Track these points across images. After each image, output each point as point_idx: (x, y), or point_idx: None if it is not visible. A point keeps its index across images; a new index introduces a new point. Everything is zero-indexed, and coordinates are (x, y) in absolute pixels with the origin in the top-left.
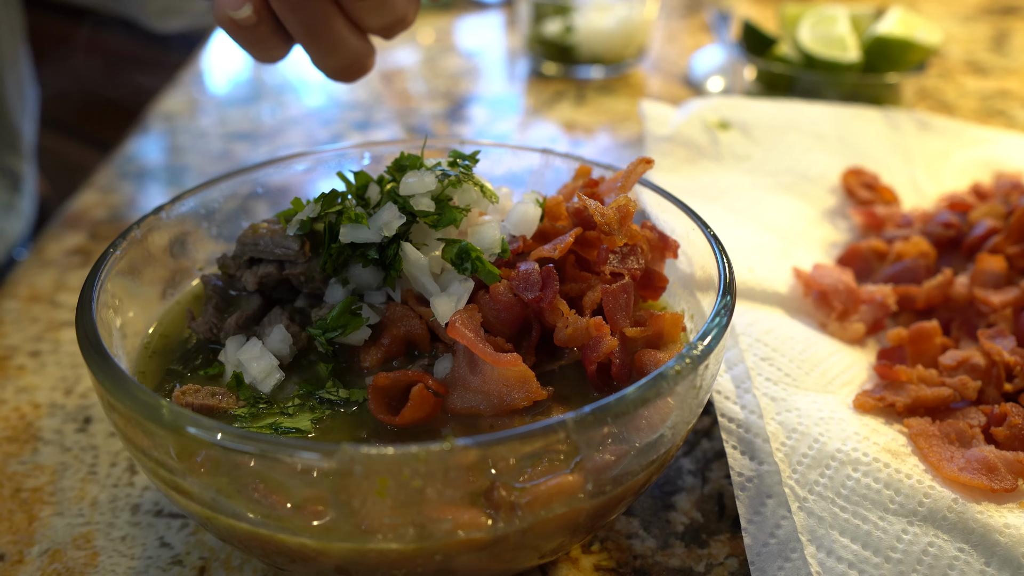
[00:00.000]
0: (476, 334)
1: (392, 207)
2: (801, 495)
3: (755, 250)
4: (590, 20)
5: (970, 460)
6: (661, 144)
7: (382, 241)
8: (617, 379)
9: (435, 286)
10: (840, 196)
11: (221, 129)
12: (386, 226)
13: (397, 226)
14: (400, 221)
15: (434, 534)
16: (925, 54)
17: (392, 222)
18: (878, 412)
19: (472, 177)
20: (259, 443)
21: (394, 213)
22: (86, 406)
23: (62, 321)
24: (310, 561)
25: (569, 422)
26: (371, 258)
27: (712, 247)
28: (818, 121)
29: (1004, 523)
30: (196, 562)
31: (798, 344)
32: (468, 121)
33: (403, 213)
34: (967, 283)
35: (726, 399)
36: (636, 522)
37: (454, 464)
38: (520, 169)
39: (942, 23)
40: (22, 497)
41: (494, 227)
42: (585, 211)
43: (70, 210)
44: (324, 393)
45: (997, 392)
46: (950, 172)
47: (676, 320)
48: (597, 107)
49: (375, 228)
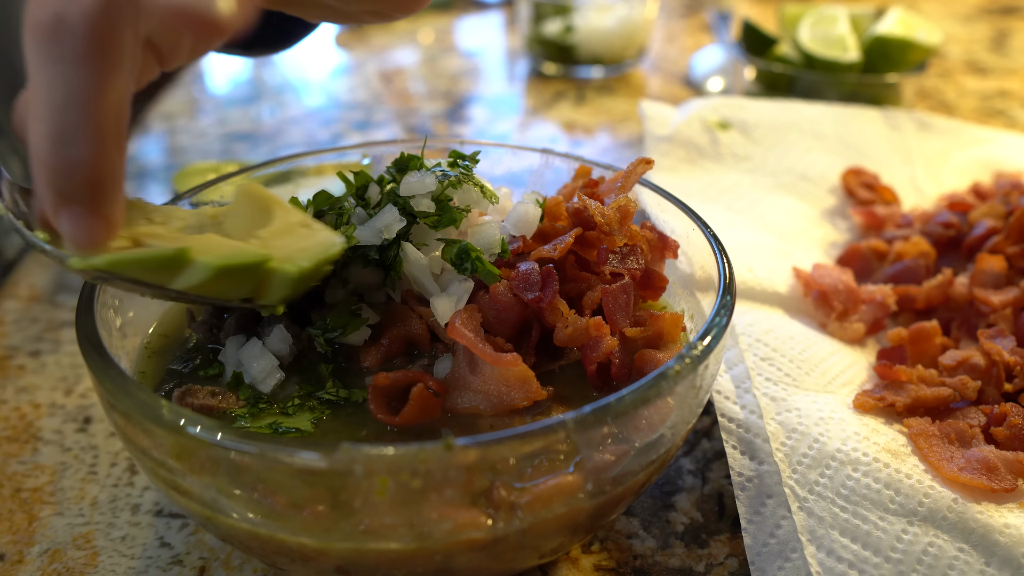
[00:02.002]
0: (476, 334)
1: (392, 209)
2: (801, 495)
3: (755, 250)
4: (590, 20)
5: (970, 460)
6: (661, 144)
7: (382, 242)
8: (617, 379)
9: (435, 286)
10: (840, 196)
11: (221, 129)
12: (387, 228)
13: (397, 229)
14: (401, 224)
15: (434, 534)
16: (925, 54)
17: (393, 224)
18: (878, 412)
19: (472, 178)
20: (259, 443)
21: (395, 215)
22: (86, 406)
23: (62, 321)
24: (310, 561)
25: (569, 422)
26: (371, 258)
27: (712, 247)
28: (818, 121)
29: (1004, 523)
30: (196, 562)
31: (798, 344)
32: (468, 121)
33: (403, 214)
34: (967, 283)
35: (726, 399)
36: (636, 522)
37: (454, 464)
38: (520, 169)
39: (942, 23)
40: (22, 497)
41: (494, 227)
42: (585, 211)
43: None
44: (324, 393)
45: (997, 392)
46: (950, 172)
47: (676, 320)
48: (597, 107)
49: (375, 230)
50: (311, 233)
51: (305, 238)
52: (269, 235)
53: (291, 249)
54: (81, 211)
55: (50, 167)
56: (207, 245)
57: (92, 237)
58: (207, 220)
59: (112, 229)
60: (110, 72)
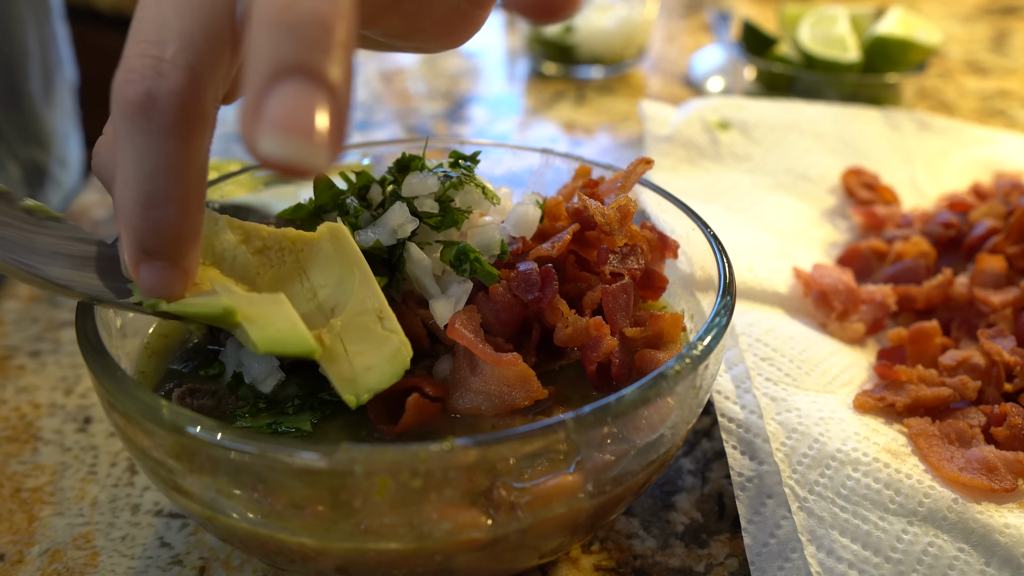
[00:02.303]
0: (476, 335)
1: (403, 207)
2: (801, 495)
3: (755, 250)
4: (590, 20)
5: (970, 460)
6: (661, 144)
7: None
8: (617, 379)
9: (436, 289)
10: (840, 196)
11: (221, 129)
12: (400, 228)
13: (411, 229)
14: (414, 224)
15: (434, 534)
16: (925, 54)
17: (406, 225)
18: (878, 412)
19: (474, 179)
20: (259, 443)
21: (406, 214)
22: (86, 406)
23: (62, 321)
24: (310, 561)
25: (569, 422)
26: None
27: (712, 247)
28: (818, 121)
29: (1004, 523)
30: (196, 562)
31: (798, 344)
32: (468, 121)
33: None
34: (967, 283)
35: (726, 399)
36: (636, 522)
37: (454, 464)
38: (520, 169)
39: (942, 23)
40: (22, 497)
41: (493, 229)
42: (585, 211)
43: (70, 210)
44: (324, 394)
45: (997, 392)
46: (950, 172)
47: (676, 320)
48: (597, 107)
49: (389, 230)
50: (383, 338)
51: (376, 345)
52: (341, 326)
53: (359, 360)
54: (164, 265)
55: (138, 228)
56: (266, 311)
57: (171, 288)
58: (288, 245)
59: (190, 279)
60: (196, 139)
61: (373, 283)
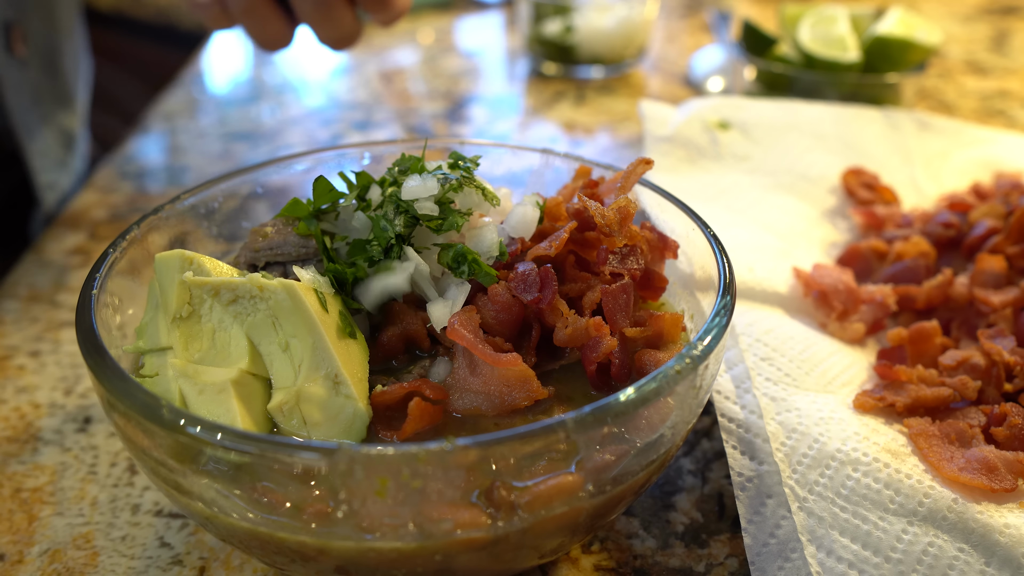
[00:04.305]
0: (475, 335)
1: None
2: (801, 495)
3: (755, 250)
4: (590, 20)
5: (970, 460)
6: (661, 144)
7: (387, 244)
8: (617, 379)
9: (434, 292)
10: (840, 196)
11: (221, 129)
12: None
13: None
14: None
15: (434, 534)
16: (925, 54)
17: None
18: (878, 412)
19: (474, 180)
20: (259, 443)
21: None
22: (86, 406)
23: (62, 321)
24: (310, 561)
25: (569, 422)
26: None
27: (712, 247)
28: (818, 121)
29: (1004, 523)
30: (196, 562)
31: (798, 344)
32: (468, 121)
33: (406, 217)
34: (967, 283)
35: (726, 399)
36: (636, 522)
37: (454, 464)
38: (520, 169)
39: (942, 23)
40: (22, 497)
41: (492, 230)
42: (585, 212)
43: (70, 210)
44: None
45: (997, 392)
46: (950, 172)
47: (676, 320)
48: (597, 107)
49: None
50: (339, 408)
51: (333, 415)
52: (298, 395)
53: (316, 433)
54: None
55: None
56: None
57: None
58: (257, 293)
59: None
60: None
61: (328, 347)
